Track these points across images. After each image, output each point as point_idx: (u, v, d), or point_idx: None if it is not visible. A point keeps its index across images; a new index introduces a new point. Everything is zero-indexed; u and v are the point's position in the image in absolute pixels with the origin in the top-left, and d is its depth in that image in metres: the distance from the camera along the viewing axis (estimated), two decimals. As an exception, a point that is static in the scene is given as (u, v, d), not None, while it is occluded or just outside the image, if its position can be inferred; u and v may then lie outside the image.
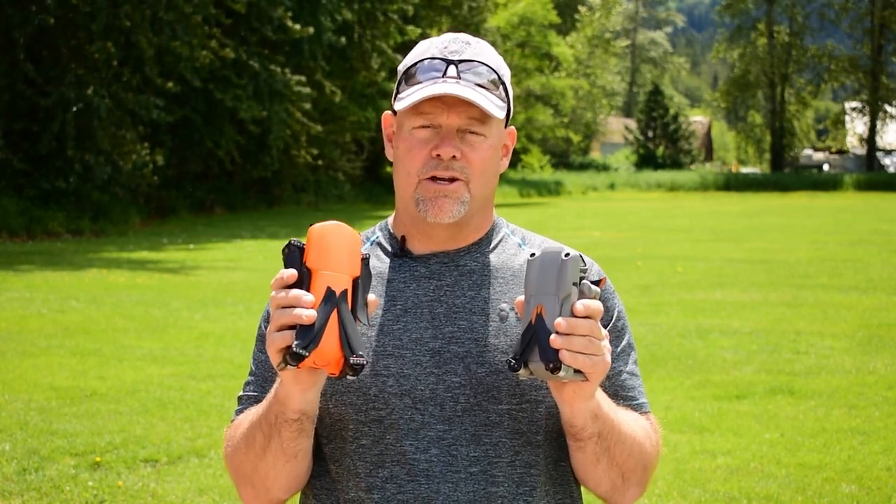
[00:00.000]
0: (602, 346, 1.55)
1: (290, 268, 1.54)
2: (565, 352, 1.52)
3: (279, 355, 1.52)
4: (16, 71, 22.90)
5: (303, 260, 1.54)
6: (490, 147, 1.76)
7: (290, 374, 1.58)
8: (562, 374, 1.53)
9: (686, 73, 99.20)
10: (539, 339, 1.53)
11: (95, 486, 5.50)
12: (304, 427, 1.67)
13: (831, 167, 61.44)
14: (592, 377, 1.56)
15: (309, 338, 1.49)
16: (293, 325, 1.50)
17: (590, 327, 1.53)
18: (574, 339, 1.52)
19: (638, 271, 15.17)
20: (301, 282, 1.53)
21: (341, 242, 1.55)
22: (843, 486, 5.52)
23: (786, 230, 23.42)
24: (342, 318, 1.51)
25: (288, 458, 1.71)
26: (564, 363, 1.52)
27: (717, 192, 47.10)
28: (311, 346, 1.49)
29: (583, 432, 1.67)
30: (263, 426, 1.69)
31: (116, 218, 24.09)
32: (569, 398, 1.61)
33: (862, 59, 58.21)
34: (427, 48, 1.78)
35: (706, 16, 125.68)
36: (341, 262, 1.54)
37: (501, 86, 1.76)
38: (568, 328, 1.52)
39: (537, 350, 1.53)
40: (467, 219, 1.78)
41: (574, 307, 1.53)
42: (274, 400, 1.66)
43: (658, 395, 7.41)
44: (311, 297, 1.51)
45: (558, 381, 1.59)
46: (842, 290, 12.86)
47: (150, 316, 11.04)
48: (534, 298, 1.56)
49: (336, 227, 1.56)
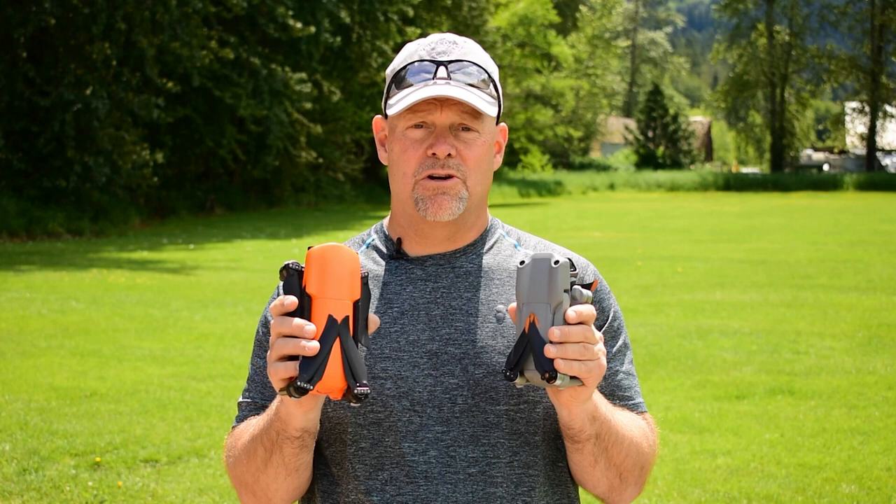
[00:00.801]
0: (596, 350, 1.55)
1: (290, 293, 1.52)
2: (560, 361, 1.52)
3: (282, 384, 1.51)
4: (15, 71, 22.92)
5: (302, 284, 1.52)
6: (484, 144, 1.77)
7: (293, 400, 1.58)
8: (558, 383, 1.53)
9: (686, 73, 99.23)
10: (533, 348, 1.53)
11: (95, 486, 5.50)
12: (306, 443, 1.68)
13: (831, 167, 61.45)
14: (588, 382, 1.56)
15: (312, 371, 1.48)
16: (295, 355, 1.49)
17: (583, 333, 1.53)
18: (568, 347, 1.52)
19: (638, 271, 15.17)
20: (301, 309, 1.51)
21: (341, 266, 1.52)
22: (843, 486, 5.52)
23: (786, 230, 23.42)
24: (345, 348, 1.50)
25: (289, 472, 1.71)
26: (560, 372, 1.52)
27: (717, 193, 47.10)
28: (314, 380, 1.48)
29: (580, 434, 1.67)
30: (265, 441, 1.69)
31: (116, 218, 24.10)
32: (566, 402, 1.61)
33: (862, 59, 58.21)
34: (414, 50, 1.78)
35: (706, 16, 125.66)
36: (341, 286, 1.51)
37: (491, 83, 1.77)
38: (561, 336, 1.51)
39: (532, 359, 1.54)
40: (464, 217, 1.78)
41: (566, 315, 1.53)
42: (275, 418, 1.66)
43: (658, 395, 7.41)
44: (313, 327, 1.49)
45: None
46: (842, 290, 12.86)
47: (150, 316, 11.04)
48: (526, 307, 1.55)
49: (335, 249, 1.53)
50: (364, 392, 1.50)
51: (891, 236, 21.00)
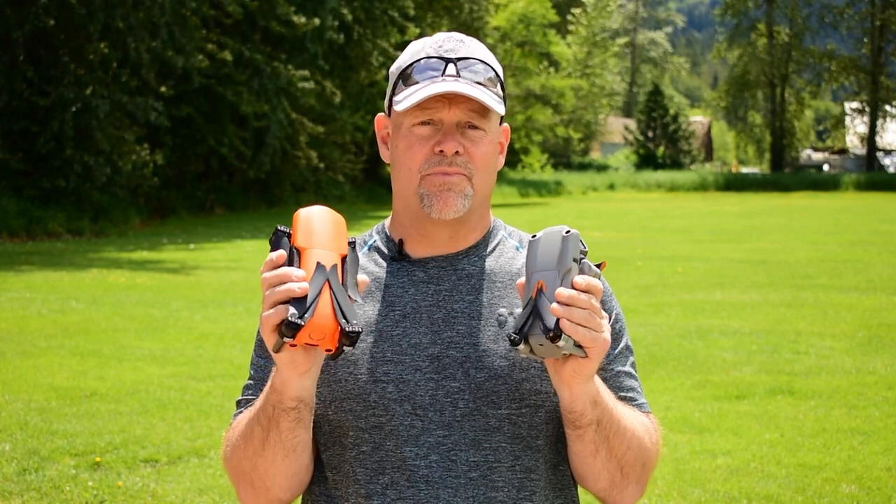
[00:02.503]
0: (602, 323, 1.55)
1: (278, 249, 1.55)
2: (566, 321, 1.51)
3: (274, 334, 1.52)
4: (15, 71, 22.90)
5: (290, 242, 1.55)
6: (490, 142, 1.76)
7: (287, 357, 1.57)
8: (561, 344, 1.52)
9: (686, 73, 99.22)
10: (540, 311, 1.54)
11: (95, 486, 5.50)
12: (302, 416, 1.66)
13: (831, 167, 61.44)
14: (592, 353, 1.55)
15: (303, 308, 1.49)
16: (286, 300, 1.50)
17: (590, 302, 1.53)
18: (574, 311, 1.52)
19: (638, 271, 15.17)
20: (290, 262, 1.54)
21: (327, 223, 1.57)
22: (843, 486, 5.52)
23: (786, 230, 23.42)
24: (334, 290, 1.52)
25: (287, 452, 1.69)
26: (565, 332, 1.52)
27: (717, 193, 47.10)
28: (306, 316, 1.49)
29: (582, 418, 1.66)
30: (261, 419, 1.68)
31: (116, 218, 24.09)
32: (568, 378, 1.60)
33: (862, 59, 58.21)
34: (421, 48, 1.77)
35: (706, 16, 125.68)
36: (329, 240, 1.55)
37: (498, 83, 1.77)
38: (569, 299, 1.52)
39: (539, 324, 1.54)
40: (468, 216, 1.77)
41: (574, 281, 1.54)
42: (270, 390, 1.65)
43: (658, 395, 7.40)
44: (302, 272, 1.52)
45: (558, 357, 1.58)
46: (842, 290, 12.86)
47: (150, 316, 11.04)
48: (535, 275, 1.57)
49: (322, 209, 1.58)
50: (356, 331, 1.51)
51: (891, 236, 20.99)
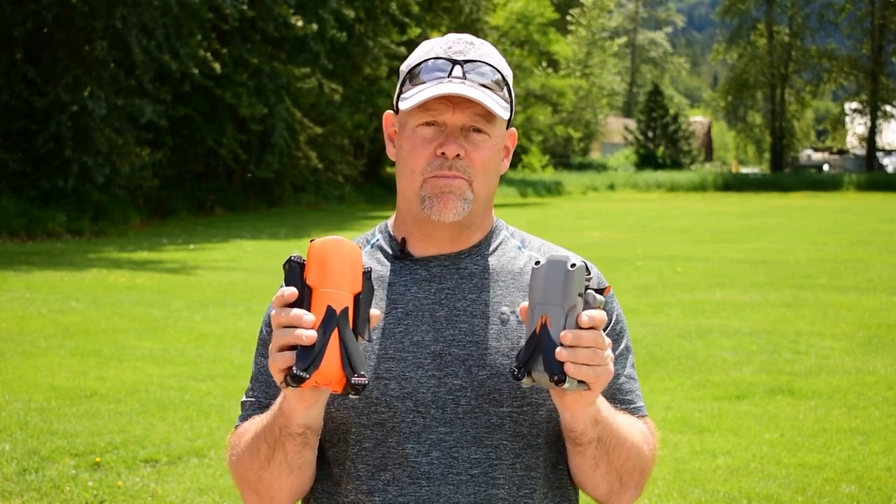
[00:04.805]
0: (605, 356, 1.54)
1: (291, 285, 1.53)
2: (570, 365, 1.51)
3: (281, 375, 1.52)
4: (14, 71, 22.89)
5: (303, 277, 1.53)
6: (493, 147, 1.76)
7: (294, 392, 1.57)
8: (566, 387, 1.53)
9: (686, 74, 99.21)
10: (544, 350, 1.53)
11: (95, 486, 5.50)
12: (309, 440, 1.68)
13: (831, 167, 61.42)
14: (595, 386, 1.56)
15: (309, 359, 1.48)
16: (294, 345, 1.49)
17: (594, 338, 1.52)
18: (579, 352, 1.51)
19: (638, 271, 15.17)
20: (302, 300, 1.52)
21: (342, 258, 1.53)
22: (843, 486, 5.52)
23: (786, 231, 23.42)
24: (343, 338, 1.50)
25: (292, 470, 1.71)
26: (569, 376, 1.52)
27: (717, 193, 47.09)
28: (311, 369, 1.48)
29: (582, 437, 1.68)
30: (268, 438, 1.69)
31: (116, 218, 24.08)
32: (570, 405, 1.62)
33: (862, 59, 58.19)
34: (431, 48, 1.77)
35: (706, 16, 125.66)
36: (342, 278, 1.52)
37: (505, 87, 1.76)
38: (574, 341, 1.51)
39: (541, 360, 1.53)
40: (469, 219, 1.78)
41: (579, 318, 1.53)
42: (278, 413, 1.66)
43: (658, 395, 7.41)
44: (312, 316, 1.50)
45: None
46: (842, 290, 12.86)
47: (150, 316, 11.04)
48: (538, 307, 1.55)
49: (336, 242, 1.54)
50: (361, 382, 1.50)
51: (891, 236, 20.99)
